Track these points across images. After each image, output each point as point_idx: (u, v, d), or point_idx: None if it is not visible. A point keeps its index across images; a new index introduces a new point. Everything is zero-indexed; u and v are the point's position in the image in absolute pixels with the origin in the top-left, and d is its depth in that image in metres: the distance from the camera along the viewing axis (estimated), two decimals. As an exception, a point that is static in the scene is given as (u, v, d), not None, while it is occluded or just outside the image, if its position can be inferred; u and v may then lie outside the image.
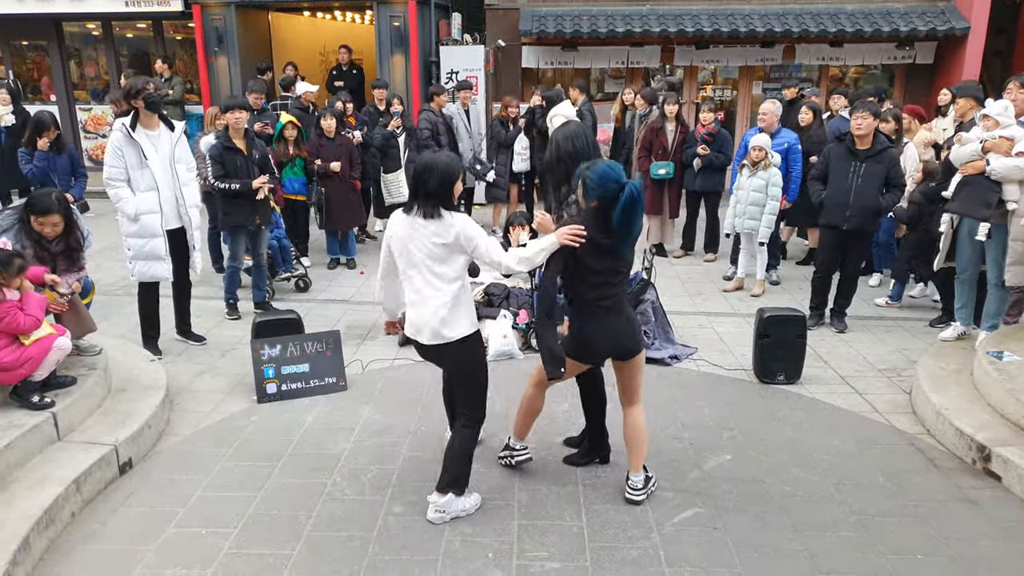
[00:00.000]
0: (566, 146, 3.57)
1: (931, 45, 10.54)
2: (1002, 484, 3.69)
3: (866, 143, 5.52)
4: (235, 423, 4.36)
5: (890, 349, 5.52)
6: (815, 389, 4.83)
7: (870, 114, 5.46)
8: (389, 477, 3.76)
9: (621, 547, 3.21)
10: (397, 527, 3.35)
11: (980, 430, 3.94)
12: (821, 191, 5.75)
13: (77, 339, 4.33)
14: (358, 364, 5.20)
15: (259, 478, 3.75)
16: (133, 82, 5.02)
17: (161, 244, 5.04)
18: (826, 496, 3.61)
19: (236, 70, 11.40)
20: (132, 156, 4.90)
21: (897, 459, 3.97)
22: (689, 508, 3.49)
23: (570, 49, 10.77)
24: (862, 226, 5.59)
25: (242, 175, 5.73)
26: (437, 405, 4.55)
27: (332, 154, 7.43)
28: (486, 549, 3.20)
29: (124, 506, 3.52)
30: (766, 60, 10.92)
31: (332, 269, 7.66)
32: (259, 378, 4.64)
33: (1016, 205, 4.76)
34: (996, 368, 4.33)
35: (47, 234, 4.14)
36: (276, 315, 5.09)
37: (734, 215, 6.74)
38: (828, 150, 5.90)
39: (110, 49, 12.46)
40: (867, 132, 5.47)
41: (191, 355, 5.39)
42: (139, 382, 4.51)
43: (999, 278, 4.94)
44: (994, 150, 4.78)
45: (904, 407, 4.59)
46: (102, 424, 3.97)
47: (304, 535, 3.29)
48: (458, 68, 10.67)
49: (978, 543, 3.25)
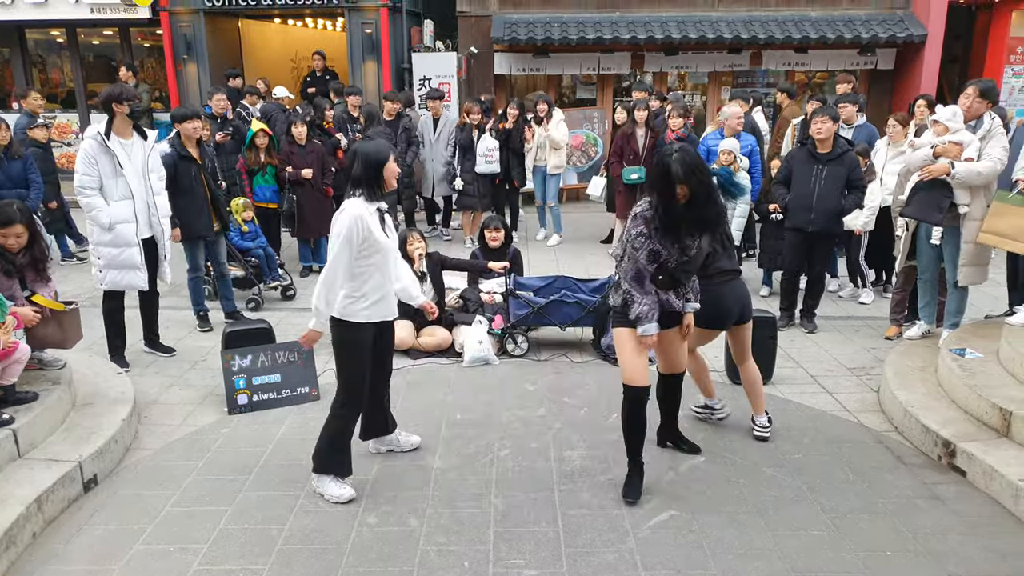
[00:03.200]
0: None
1: (891, 52, 10.78)
2: (967, 479, 3.76)
3: (827, 147, 5.64)
4: (205, 436, 4.29)
5: (858, 348, 5.61)
6: (786, 389, 4.89)
7: (829, 118, 5.59)
8: (362, 488, 3.72)
9: (597, 551, 3.21)
10: (371, 538, 3.32)
11: (945, 426, 4.02)
12: (785, 195, 5.86)
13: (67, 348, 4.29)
14: (331, 373, 5.14)
15: (230, 492, 3.69)
16: (124, 89, 4.92)
17: (136, 253, 4.96)
18: (798, 495, 3.65)
19: (205, 78, 11.28)
20: (106, 165, 4.83)
21: (866, 457, 4.03)
22: (664, 511, 3.51)
23: (542, 56, 10.82)
24: (826, 228, 5.69)
25: (195, 185, 5.65)
26: (411, 413, 4.53)
27: (303, 161, 7.39)
28: (462, 558, 3.18)
29: (89, 524, 3.44)
30: (734, 66, 11.08)
31: (304, 277, 7.59)
32: (230, 389, 4.57)
33: (968, 208, 4.88)
34: (959, 365, 4.42)
35: (10, 247, 4.05)
36: (247, 325, 5.03)
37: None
38: (791, 154, 6.03)
39: (75, 56, 12.24)
40: (827, 136, 5.59)
41: (160, 367, 5.29)
42: (105, 396, 4.42)
43: (956, 278, 5.06)
44: (944, 155, 4.90)
45: (872, 405, 4.67)
46: (66, 440, 3.88)
47: (276, 549, 3.24)
48: (431, 75, 10.67)
49: (945, 538, 3.30)
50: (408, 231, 5.72)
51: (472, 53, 10.92)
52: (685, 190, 3.23)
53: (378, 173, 3.43)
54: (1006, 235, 4.68)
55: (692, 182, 3.22)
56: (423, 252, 5.57)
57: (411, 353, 5.45)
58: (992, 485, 3.61)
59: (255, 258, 6.75)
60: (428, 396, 4.81)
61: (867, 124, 7.33)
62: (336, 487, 3.61)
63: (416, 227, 5.88)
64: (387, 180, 3.48)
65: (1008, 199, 4.68)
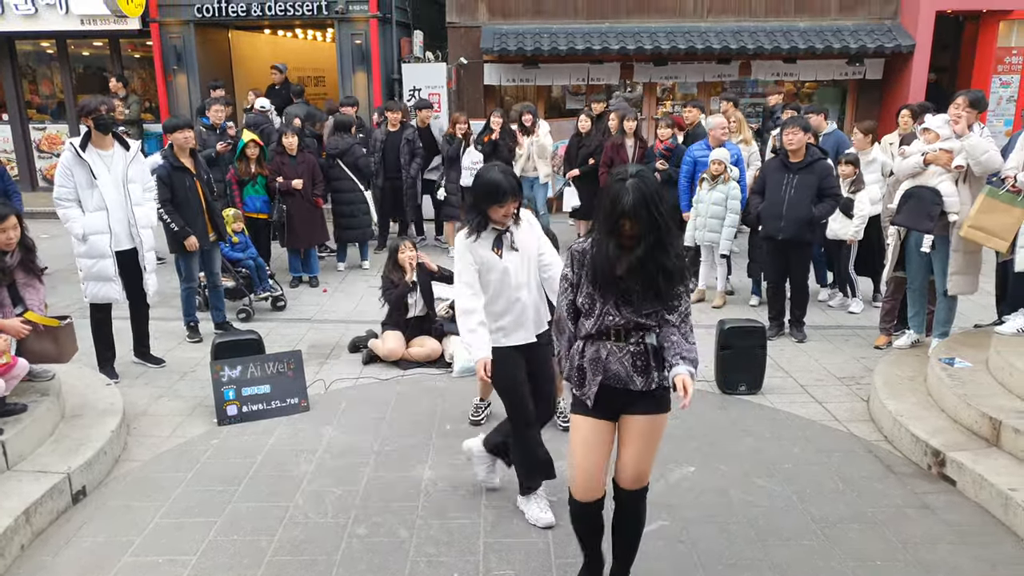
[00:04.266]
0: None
1: (879, 62, 10.88)
2: (956, 488, 3.78)
3: (798, 156, 5.74)
4: (194, 447, 4.27)
5: (848, 358, 5.64)
6: (776, 399, 4.91)
7: (800, 129, 5.71)
8: (352, 499, 3.71)
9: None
10: (361, 549, 3.30)
11: (934, 435, 4.04)
12: (759, 204, 5.97)
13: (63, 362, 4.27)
14: (321, 384, 5.13)
15: (219, 503, 3.67)
16: (86, 101, 4.95)
17: (110, 265, 4.94)
18: (788, 505, 3.66)
19: (195, 88, 11.27)
20: (81, 176, 4.83)
21: (856, 466, 4.04)
22: (655, 521, 3.50)
23: (531, 66, 10.87)
24: (797, 235, 5.76)
25: (190, 196, 5.66)
26: (401, 424, 4.53)
27: (293, 172, 7.39)
28: (452, 569, 3.17)
29: (77, 536, 3.41)
30: (723, 76, 11.15)
31: (294, 287, 7.57)
32: (219, 400, 4.55)
33: (957, 217, 4.92)
34: (948, 374, 4.45)
35: (2, 244, 4.01)
36: (236, 336, 5.01)
37: (694, 228, 6.85)
38: (765, 164, 6.18)
39: (65, 67, 12.20)
40: (799, 147, 5.69)
41: (149, 378, 5.26)
42: (94, 407, 4.40)
43: (946, 287, 5.10)
44: (935, 163, 4.95)
45: (862, 414, 4.69)
46: (54, 452, 3.85)
47: (265, 560, 3.22)
48: (420, 85, 10.69)
49: (935, 547, 3.31)
50: (401, 240, 5.72)
51: (462, 64, 10.96)
52: (633, 227, 2.50)
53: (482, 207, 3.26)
54: (991, 231, 4.71)
55: (642, 216, 2.47)
56: (415, 262, 5.57)
57: (401, 363, 5.44)
58: (982, 494, 3.63)
59: (245, 268, 6.73)
60: (418, 407, 4.80)
61: (836, 132, 7.42)
62: (537, 509, 3.50)
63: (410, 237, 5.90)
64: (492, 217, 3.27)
65: (998, 196, 4.70)
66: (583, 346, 2.69)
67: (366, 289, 7.42)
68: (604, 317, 2.62)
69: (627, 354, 2.64)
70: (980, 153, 4.77)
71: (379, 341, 5.53)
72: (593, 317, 2.64)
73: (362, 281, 7.80)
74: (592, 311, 2.65)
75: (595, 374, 2.66)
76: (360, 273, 8.16)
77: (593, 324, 2.65)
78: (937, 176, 4.98)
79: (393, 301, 5.57)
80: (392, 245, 5.74)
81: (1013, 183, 4.68)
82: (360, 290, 7.48)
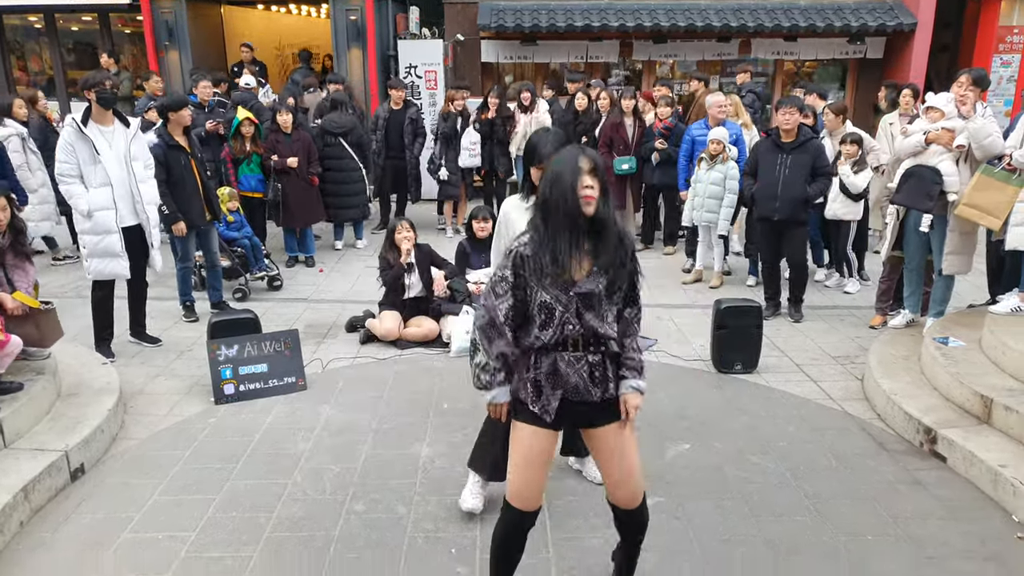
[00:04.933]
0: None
1: (881, 40, 10.80)
2: (947, 465, 3.81)
3: (791, 136, 5.73)
4: (192, 425, 4.28)
5: (843, 337, 5.66)
6: (771, 378, 4.93)
7: (796, 109, 5.69)
8: (351, 476, 3.73)
9: (583, 537, 3.24)
10: (359, 525, 3.33)
11: (927, 413, 4.07)
12: (752, 185, 5.96)
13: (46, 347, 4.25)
14: (318, 363, 5.14)
15: (217, 480, 3.69)
16: (90, 76, 4.90)
17: (116, 241, 4.93)
18: (782, 482, 3.69)
19: (188, 65, 11.14)
20: (84, 151, 4.79)
21: (849, 444, 4.08)
22: (650, 497, 3.51)
23: (529, 43, 10.77)
24: (792, 215, 5.76)
25: (186, 175, 5.61)
26: (398, 403, 4.55)
27: (289, 150, 7.34)
28: (449, 544, 3.20)
29: (76, 513, 3.43)
30: (722, 54, 11.07)
31: (290, 267, 7.56)
32: (216, 379, 4.56)
33: (956, 196, 4.91)
34: (942, 353, 4.48)
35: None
36: (232, 315, 5.01)
37: (692, 208, 6.84)
38: (757, 145, 6.15)
39: (54, 43, 12.05)
40: (793, 127, 5.69)
41: (146, 357, 5.27)
42: (91, 386, 4.40)
43: (941, 266, 5.11)
44: (936, 142, 4.94)
45: (856, 393, 4.72)
46: (51, 430, 3.86)
47: (264, 537, 3.25)
48: (417, 62, 10.59)
49: (925, 522, 3.36)
50: (398, 220, 5.71)
51: (459, 40, 10.86)
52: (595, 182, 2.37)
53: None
54: (985, 210, 4.71)
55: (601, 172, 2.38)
56: (412, 244, 5.55)
57: (398, 343, 5.45)
58: (972, 470, 3.67)
59: (241, 248, 6.71)
60: (416, 386, 4.81)
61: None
62: (469, 493, 3.41)
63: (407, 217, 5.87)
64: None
65: (993, 174, 4.69)
66: (537, 358, 2.46)
67: (363, 269, 7.41)
68: (564, 326, 2.41)
69: (584, 364, 2.45)
70: (983, 137, 4.75)
71: (376, 321, 5.54)
72: (552, 327, 2.41)
73: (359, 261, 7.79)
74: (551, 321, 2.41)
75: (555, 388, 2.46)
76: (356, 253, 8.15)
77: (552, 335, 2.42)
78: (938, 155, 4.97)
79: (390, 281, 5.57)
80: (390, 226, 5.73)
81: (1009, 161, 4.68)
82: (357, 270, 7.47)
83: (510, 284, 2.44)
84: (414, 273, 5.56)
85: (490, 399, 2.57)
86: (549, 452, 2.58)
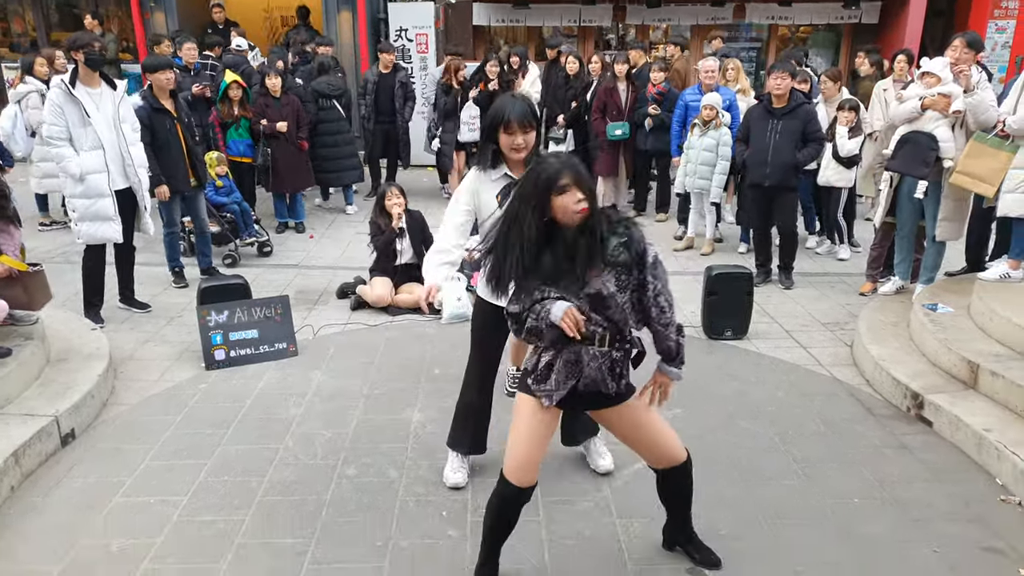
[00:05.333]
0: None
1: (876, 5, 10.68)
2: (933, 429, 3.86)
3: (782, 101, 5.70)
4: (183, 391, 4.28)
5: (833, 304, 5.69)
6: (761, 344, 4.96)
7: (787, 74, 5.65)
8: (342, 441, 3.75)
9: (574, 501, 3.28)
10: (351, 489, 3.35)
11: (914, 379, 4.11)
12: (744, 151, 5.92)
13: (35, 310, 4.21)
14: (309, 329, 5.13)
15: (209, 445, 3.70)
16: (78, 36, 4.79)
17: (109, 204, 4.87)
18: (771, 446, 3.73)
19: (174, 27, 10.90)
20: (73, 114, 4.71)
21: (838, 409, 4.12)
22: (640, 461, 3.56)
23: (521, 7, 10.59)
24: (783, 181, 5.75)
25: (171, 139, 5.53)
26: (390, 369, 4.55)
27: (278, 114, 7.23)
28: (440, 508, 3.23)
29: (68, 478, 3.44)
30: (717, 19, 10.91)
31: (280, 233, 7.50)
32: (206, 345, 4.55)
33: (952, 163, 4.90)
34: (931, 319, 4.50)
35: None
36: (222, 280, 4.98)
37: (684, 174, 6.80)
38: (749, 111, 6.10)
39: (37, 4, 11.75)
40: (785, 92, 5.64)
41: (135, 323, 5.24)
42: (80, 352, 4.38)
43: (935, 233, 5.12)
44: (932, 107, 4.90)
45: (845, 359, 4.75)
46: (41, 395, 3.85)
47: (256, 500, 3.27)
48: (407, 25, 10.40)
49: (910, 486, 3.40)
50: (388, 186, 5.65)
51: (450, 3, 10.67)
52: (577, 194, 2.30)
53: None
54: (979, 177, 4.71)
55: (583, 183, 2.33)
56: (403, 209, 5.51)
57: (390, 310, 5.44)
58: (957, 435, 3.72)
59: (230, 213, 6.65)
60: (407, 352, 4.81)
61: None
62: (450, 469, 3.40)
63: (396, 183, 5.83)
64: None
65: (987, 140, 4.68)
66: (562, 341, 2.41)
67: (353, 235, 7.36)
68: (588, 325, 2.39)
69: (607, 359, 2.47)
70: (982, 112, 4.75)
71: (367, 287, 5.52)
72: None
73: (349, 227, 7.74)
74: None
75: (568, 378, 2.45)
76: (347, 219, 8.09)
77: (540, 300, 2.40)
78: (934, 121, 4.94)
79: (380, 247, 5.54)
80: (380, 191, 5.67)
81: (1002, 127, 4.65)
82: (347, 236, 7.42)
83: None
84: (405, 239, 5.52)
85: (559, 317, 2.33)
86: (551, 427, 2.57)
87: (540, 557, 2.92)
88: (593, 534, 3.06)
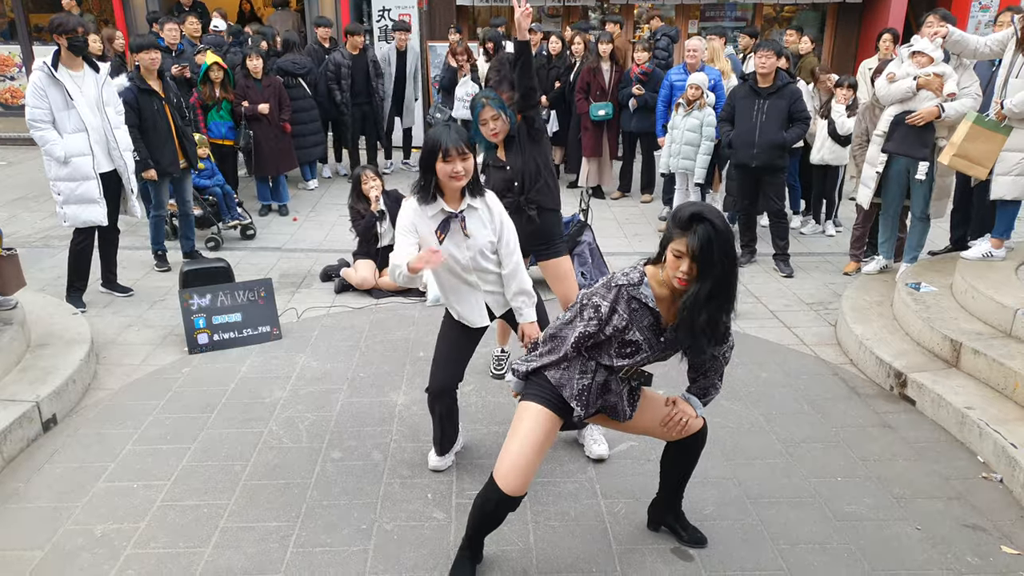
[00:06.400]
0: None
1: (862, -16, 10.65)
2: (916, 408, 3.90)
3: (768, 81, 5.66)
4: (166, 375, 4.24)
5: (817, 284, 5.71)
6: (746, 324, 4.97)
7: (773, 53, 5.60)
8: (327, 424, 3.73)
9: (558, 482, 3.28)
10: (335, 472, 3.35)
11: (898, 358, 4.14)
12: (729, 131, 5.89)
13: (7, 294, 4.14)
14: (293, 312, 5.10)
15: (192, 429, 3.67)
16: (63, 19, 4.70)
17: (94, 186, 4.81)
18: (755, 426, 3.75)
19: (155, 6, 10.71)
20: (56, 97, 4.64)
21: (821, 388, 4.14)
22: (624, 441, 3.59)
23: (506, -15, 10.47)
24: (770, 162, 5.73)
25: (159, 120, 5.45)
26: (375, 351, 4.53)
27: (259, 96, 7.14)
28: (425, 490, 3.23)
29: (49, 463, 3.40)
30: (702, -2, 10.86)
31: (263, 216, 7.43)
32: (189, 329, 4.51)
33: (946, 142, 4.90)
34: (914, 299, 4.53)
35: None
36: (205, 264, 4.93)
37: (669, 155, 6.78)
38: (734, 91, 6.05)
39: (12, -17, 11.48)
40: (770, 71, 5.60)
41: (117, 307, 5.18)
42: (61, 337, 4.33)
43: (924, 211, 5.14)
44: (927, 87, 4.89)
45: (829, 339, 4.78)
46: (21, 381, 3.80)
47: (240, 484, 3.25)
48: (391, 5, 10.27)
49: (893, 463, 3.44)
50: (361, 169, 5.60)
51: (435, -18, 10.53)
52: (694, 270, 2.27)
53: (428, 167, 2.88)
54: (975, 160, 4.69)
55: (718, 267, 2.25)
56: (380, 191, 5.46)
57: (374, 293, 5.41)
58: (940, 413, 3.75)
59: (212, 196, 6.57)
60: (391, 334, 4.79)
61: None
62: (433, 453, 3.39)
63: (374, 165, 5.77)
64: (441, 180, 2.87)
65: (984, 123, 4.65)
66: (595, 369, 2.49)
67: (337, 218, 7.30)
68: (639, 365, 2.49)
69: (627, 387, 2.59)
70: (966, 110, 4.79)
71: (351, 270, 5.48)
72: (629, 359, 2.44)
73: (333, 210, 7.67)
74: (633, 355, 2.43)
75: (596, 399, 2.52)
76: (331, 202, 8.02)
77: (625, 364, 2.45)
78: (927, 101, 4.92)
79: (362, 231, 5.50)
80: (354, 175, 5.62)
81: (999, 110, 4.65)
82: (331, 219, 7.36)
83: (600, 318, 2.39)
84: (386, 221, 5.48)
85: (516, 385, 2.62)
86: (551, 436, 2.54)
87: (525, 538, 2.93)
88: (578, 515, 3.07)
